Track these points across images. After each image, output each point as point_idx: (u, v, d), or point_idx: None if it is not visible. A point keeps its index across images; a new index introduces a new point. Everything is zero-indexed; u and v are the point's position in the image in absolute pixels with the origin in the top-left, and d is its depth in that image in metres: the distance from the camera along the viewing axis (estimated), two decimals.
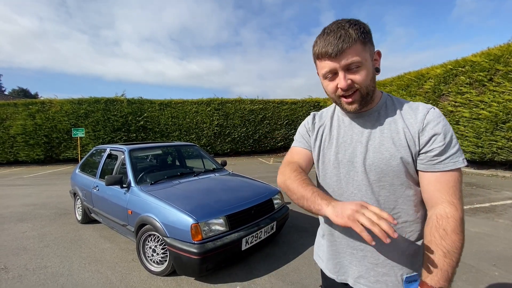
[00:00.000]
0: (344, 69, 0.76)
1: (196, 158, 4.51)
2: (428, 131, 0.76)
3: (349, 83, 0.77)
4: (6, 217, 4.51)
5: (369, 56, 0.78)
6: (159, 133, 13.94)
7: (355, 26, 0.75)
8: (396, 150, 0.79)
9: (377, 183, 0.82)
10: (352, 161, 0.86)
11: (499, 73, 6.86)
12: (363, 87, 0.78)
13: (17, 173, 10.59)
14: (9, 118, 12.67)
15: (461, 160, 0.75)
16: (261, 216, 2.82)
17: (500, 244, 2.98)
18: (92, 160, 4.36)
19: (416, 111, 0.80)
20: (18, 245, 3.33)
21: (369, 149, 0.83)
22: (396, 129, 0.81)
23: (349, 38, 0.73)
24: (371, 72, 0.79)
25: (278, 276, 2.52)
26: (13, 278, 2.57)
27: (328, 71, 0.78)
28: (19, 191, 6.70)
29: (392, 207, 0.82)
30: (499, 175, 7.07)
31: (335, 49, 0.74)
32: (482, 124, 7.23)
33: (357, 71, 0.76)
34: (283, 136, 15.21)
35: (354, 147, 0.86)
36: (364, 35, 0.75)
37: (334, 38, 0.74)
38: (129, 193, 2.98)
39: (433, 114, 0.78)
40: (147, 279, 2.51)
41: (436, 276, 0.70)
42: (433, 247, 0.72)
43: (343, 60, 0.74)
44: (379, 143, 0.82)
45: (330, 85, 0.81)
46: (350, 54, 0.74)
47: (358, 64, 0.75)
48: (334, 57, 0.75)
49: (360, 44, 0.75)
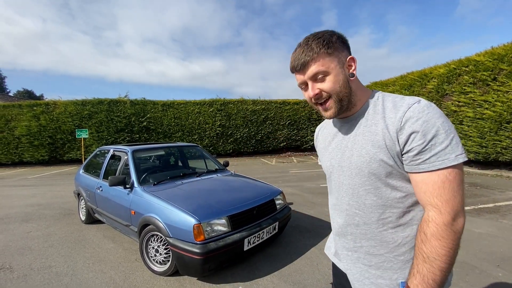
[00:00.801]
0: (312, 79, 0.82)
1: (198, 159, 4.52)
2: (406, 129, 0.72)
3: (317, 92, 0.82)
4: (11, 217, 4.56)
5: (337, 64, 0.81)
6: (162, 134, 14.01)
7: (318, 39, 0.80)
8: (375, 152, 0.78)
9: (362, 186, 0.83)
10: (341, 165, 0.89)
11: (503, 72, 6.80)
12: (334, 94, 0.81)
13: (22, 173, 10.70)
14: (14, 119, 12.81)
15: (452, 157, 0.68)
16: (263, 217, 2.83)
17: (504, 245, 2.96)
18: (96, 161, 4.39)
19: (399, 108, 0.75)
20: (23, 245, 3.37)
21: (354, 153, 0.85)
22: (376, 131, 0.79)
23: (311, 51, 0.79)
24: (341, 78, 0.81)
25: (280, 276, 2.53)
26: (18, 277, 2.60)
27: (301, 83, 0.86)
28: (24, 192, 6.77)
29: (381, 211, 0.81)
30: (503, 175, 7.00)
31: (299, 63, 0.82)
32: (486, 124, 7.17)
33: (323, 80, 0.81)
34: (285, 137, 15.20)
35: (342, 152, 0.89)
36: (327, 45, 0.79)
37: (299, 53, 0.82)
38: (132, 193, 3.00)
39: (414, 110, 0.72)
40: (150, 279, 2.52)
41: (416, 280, 0.69)
42: (415, 250, 0.72)
43: (307, 72, 0.81)
44: (361, 146, 0.83)
45: (305, 94, 0.87)
46: (312, 65, 0.80)
47: (323, 74, 0.80)
48: (300, 71, 0.83)
49: (324, 55, 0.79)
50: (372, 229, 0.84)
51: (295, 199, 5.24)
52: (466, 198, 4.91)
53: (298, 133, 15.37)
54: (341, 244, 0.95)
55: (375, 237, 0.83)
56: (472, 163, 8.21)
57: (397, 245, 0.81)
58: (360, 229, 0.86)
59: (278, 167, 10.49)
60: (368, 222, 0.84)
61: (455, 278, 2.37)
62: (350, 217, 0.88)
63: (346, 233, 0.91)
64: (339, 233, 0.94)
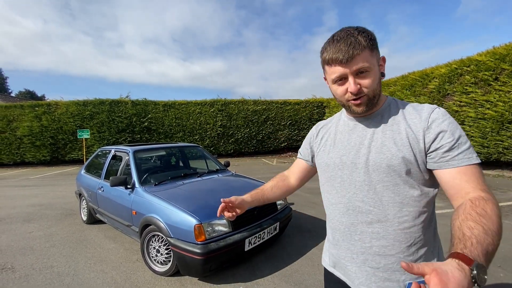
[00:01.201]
0: (354, 74, 0.80)
1: (199, 159, 4.53)
2: (434, 129, 0.77)
3: (358, 88, 0.80)
4: (13, 217, 4.58)
5: (376, 61, 0.82)
6: (163, 134, 14.04)
7: (363, 33, 0.79)
8: (398, 149, 0.80)
9: (380, 183, 0.82)
10: (355, 162, 0.88)
11: (504, 72, 6.78)
12: (370, 91, 0.81)
13: (23, 174, 10.74)
14: (16, 119, 12.87)
15: (475, 157, 0.74)
16: (264, 217, 2.83)
17: (505, 246, 2.95)
18: (97, 161, 4.41)
19: (421, 111, 0.82)
20: (25, 245, 3.39)
21: (372, 150, 0.85)
22: (398, 130, 0.82)
23: (359, 45, 0.77)
24: (378, 77, 0.83)
25: (281, 276, 2.53)
26: (20, 277, 2.61)
27: (338, 76, 0.82)
28: (26, 192, 6.80)
29: (398, 209, 0.81)
30: (505, 175, 6.97)
31: (346, 55, 0.77)
32: (487, 124, 7.14)
33: (365, 76, 0.80)
34: (286, 137, 15.20)
35: (357, 149, 0.88)
36: (371, 42, 0.79)
37: (344, 45, 0.78)
38: (134, 194, 3.01)
39: (438, 112, 0.79)
40: (151, 279, 2.53)
41: (476, 250, 0.55)
42: (471, 224, 0.61)
43: (354, 66, 0.78)
44: (381, 144, 0.83)
45: (339, 89, 0.85)
46: (359, 60, 0.78)
47: (366, 69, 0.79)
48: (345, 63, 0.78)
49: (369, 51, 0.78)
50: (386, 227, 0.82)
51: (296, 199, 5.24)
52: None
53: (299, 133, 15.36)
54: (345, 246, 0.91)
55: (388, 236, 0.82)
56: None
57: (409, 245, 0.81)
58: (372, 227, 0.84)
59: (279, 167, 10.49)
60: (383, 220, 0.82)
61: None
62: (363, 215, 0.85)
63: (355, 232, 0.87)
64: (344, 233, 0.90)
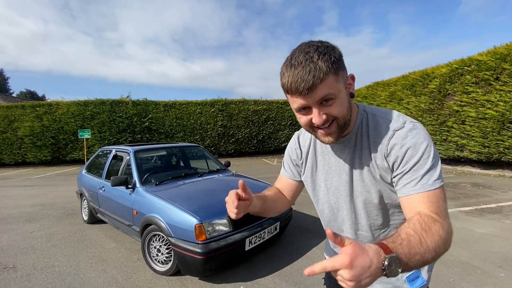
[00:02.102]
0: (318, 104, 0.70)
1: (200, 159, 4.54)
2: (392, 156, 0.74)
3: (325, 118, 0.71)
4: (14, 217, 4.60)
5: (343, 84, 0.72)
6: (163, 134, 14.05)
7: (324, 56, 0.66)
8: (373, 178, 0.80)
9: (366, 208, 0.84)
10: (339, 189, 0.87)
11: (505, 72, 6.76)
12: (340, 118, 0.73)
13: (25, 174, 10.77)
14: (17, 120, 12.90)
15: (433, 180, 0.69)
16: (264, 217, 2.83)
17: (506, 245, 2.95)
18: (98, 161, 4.42)
19: (385, 133, 0.77)
20: (26, 245, 3.40)
21: (354, 178, 0.83)
22: (369, 156, 0.80)
23: (320, 72, 0.65)
24: (346, 101, 0.73)
25: (281, 276, 2.53)
26: (21, 277, 2.63)
27: (300, 107, 0.72)
28: (27, 192, 6.82)
29: (386, 229, 0.87)
30: (506, 175, 6.97)
31: (305, 86, 0.66)
32: (488, 124, 7.13)
33: (331, 104, 0.70)
34: (286, 137, 15.19)
35: (339, 174, 0.86)
36: (335, 64, 0.68)
37: (303, 72, 0.66)
38: (134, 193, 3.02)
39: (398, 136, 0.73)
40: (152, 279, 2.54)
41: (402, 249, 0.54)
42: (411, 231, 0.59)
43: (315, 96, 0.68)
44: (359, 171, 0.82)
45: (303, 118, 0.75)
46: (322, 89, 0.67)
47: (332, 97, 0.69)
48: (305, 95, 0.68)
49: (333, 76, 0.67)
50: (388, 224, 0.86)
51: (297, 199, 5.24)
52: (468, 198, 4.89)
53: None
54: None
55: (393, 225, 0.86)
56: (475, 163, 8.17)
57: None
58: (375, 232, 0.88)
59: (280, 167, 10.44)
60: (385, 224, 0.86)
61: (457, 278, 2.37)
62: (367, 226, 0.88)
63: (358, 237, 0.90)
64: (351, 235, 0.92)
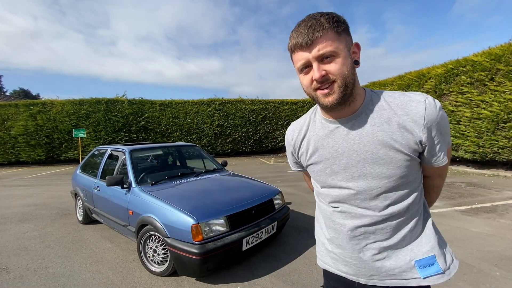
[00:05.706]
0: (318, 59, 0.72)
1: (196, 159, 4.51)
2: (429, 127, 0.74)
3: (323, 74, 0.72)
4: (7, 217, 4.52)
5: (345, 46, 0.73)
6: (160, 134, 13.97)
7: (327, 16, 0.72)
8: (395, 151, 0.75)
9: (383, 186, 0.79)
10: (349, 170, 0.82)
11: (500, 72, 6.84)
12: (339, 78, 0.72)
13: (18, 173, 10.62)
14: (11, 119, 12.72)
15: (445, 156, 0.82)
16: (261, 217, 2.82)
17: (501, 244, 2.97)
18: (93, 161, 4.36)
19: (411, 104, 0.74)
20: (20, 246, 3.34)
21: (367, 157, 0.78)
22: (390, 130, 0.75)
23: (320, 26, 0.70)
24: (349, 62, 0.73)
25: (278, 276, 2.52)
26: (14, 278, 2.58)
27: (303, 63, 0.75)
28: (21, 192, 6.72)
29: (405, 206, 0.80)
30: (500, 175, 7.05)
31: (305, 38, 0.71)
32: (483, 124, 7.21)
33: (331, 61, 0.72)
34: (283, 136, 15.10)
35: (348, 156, 0.81)
36: (337, 24, 0.72)
37: (305, 27, 0.71)
38: (130, 193, 2.98)
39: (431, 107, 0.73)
40: (148, 280, 2.51)
41: None
42: None
43: (315, 50, 0.71)
44: (375, 148, 0.77)
45: (305, 78, 0.77)
46: (322, 43, 0.70)
47: (332, 54, 0.71)
48: (306, 47, 0.72)
49: (333, 33, 0.71)
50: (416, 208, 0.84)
51: (294, 198, 5.24)
52: (464, 197, 4.93)
53: None
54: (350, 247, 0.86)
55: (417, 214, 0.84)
56: (470, 163, 8.25)
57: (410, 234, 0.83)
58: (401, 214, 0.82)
59: (277, 166, 10.49)
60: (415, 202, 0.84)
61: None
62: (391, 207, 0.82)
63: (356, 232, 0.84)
64: (347, 235, 0.86)
